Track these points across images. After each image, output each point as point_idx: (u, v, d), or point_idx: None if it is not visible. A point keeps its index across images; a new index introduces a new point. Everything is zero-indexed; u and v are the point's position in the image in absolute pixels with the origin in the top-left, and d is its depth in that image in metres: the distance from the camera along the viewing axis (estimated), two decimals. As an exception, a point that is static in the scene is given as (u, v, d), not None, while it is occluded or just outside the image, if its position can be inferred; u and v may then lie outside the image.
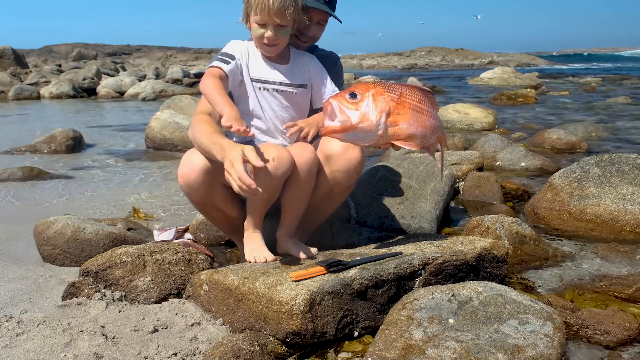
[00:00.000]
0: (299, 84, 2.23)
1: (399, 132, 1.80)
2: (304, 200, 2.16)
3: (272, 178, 1.98)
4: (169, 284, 2.10)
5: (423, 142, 1.87)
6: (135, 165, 5.37)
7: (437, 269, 1.90)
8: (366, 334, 1.78)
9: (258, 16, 2.08)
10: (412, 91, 1.85)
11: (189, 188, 2.15)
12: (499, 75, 18.09)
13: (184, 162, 2.15)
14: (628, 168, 3.07)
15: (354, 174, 2.15)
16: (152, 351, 1.68)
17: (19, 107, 11.85)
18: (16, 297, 2.23)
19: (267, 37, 2.11)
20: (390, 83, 1.84)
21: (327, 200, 2.26)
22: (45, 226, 2.61)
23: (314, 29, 2.37)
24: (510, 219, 2.70)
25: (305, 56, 2.32)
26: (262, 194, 2.01)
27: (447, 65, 37.26)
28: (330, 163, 2.14)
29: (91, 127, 8.23)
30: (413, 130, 1.82)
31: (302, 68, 2.27)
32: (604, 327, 1.85)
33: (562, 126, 6.48)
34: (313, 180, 2.14)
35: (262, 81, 2.19)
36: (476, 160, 4.08)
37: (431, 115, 1.89)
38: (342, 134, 1.76)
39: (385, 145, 1.87)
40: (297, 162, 2.05)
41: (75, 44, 46.14)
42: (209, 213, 2.36)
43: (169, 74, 19.54)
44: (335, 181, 2.16)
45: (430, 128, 1.88)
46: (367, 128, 1.75)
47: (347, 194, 2.30)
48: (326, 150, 2.14)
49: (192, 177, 2.12)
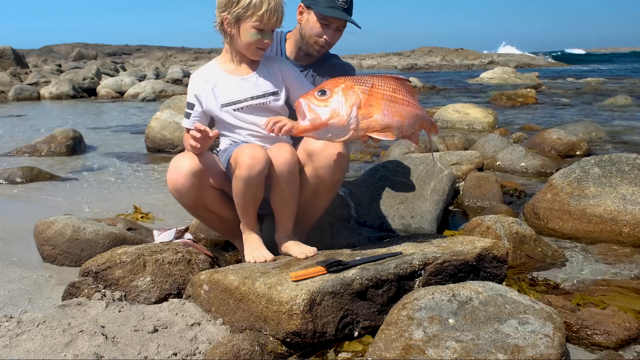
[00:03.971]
0: (270, 92, 2.20)
1: (374, 124, 1.79)
2: (292, 200, 2.16)
3: (249, 177, 2.01)
4: (169, 284, 2.10)
5: (401, 131, 1.85)
6: (134, 165, 5.36)
7: (437, 269, 1.90)
8: (366, 334, 1.78)
9: (261, 22, 2.06)
10: (385, 81, 1.83)
11: (178, 192, 2.19)
12: (499, 75, 18.09)
13: (171, 167, 2.19)
14: (628, 168, 3.07)
15: (337, 169, 2.13)
16: (152, 351, 1.68)
17: (19, 107, 11.85)
18: (16, 297, 2.23)
19: (266, 43, 2.11)
20: (361, 76, 1.83)
21: (315, 198, 2.25)
22: (45, 226, 2.61)
23: (332, 35, 2.37)
24: (510, 219, 2.70)
25: (275, 60, 2.28)
26: (246, 193, 2.08)
27: (447, 65, 37.26)
28: (312, 160, 2.13)
29: (91, 127, 8.23)
30: (388, 120, 1.80)
31: (272, 74, 2.22)
32: (604, 327, 1.85)
33: (562, 126, 6.47)
34: (295, 180, 2.13)
35: (233, 103, 2.18)
36: (476, 160, 4.08)
37: (408, 103, 1.86)
38: (315, 132, 1.77)
39: (364, 139, 1.84)
40: (275, 163, 2.06)
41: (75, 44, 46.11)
42: (203, 216, 2.38)
43: (169, 74, 19.53)
44: (320, 178, 2.15)
45: (408, 117, 1.85)
46: (339, 124, 1.74)
47: (335, 190, 2.28)
48: (307, 147, 2.13)
49: (180, 181, 2.15)
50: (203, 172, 2.17)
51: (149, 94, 13.87)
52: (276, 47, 2.50)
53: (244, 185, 2.06)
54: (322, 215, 2.44)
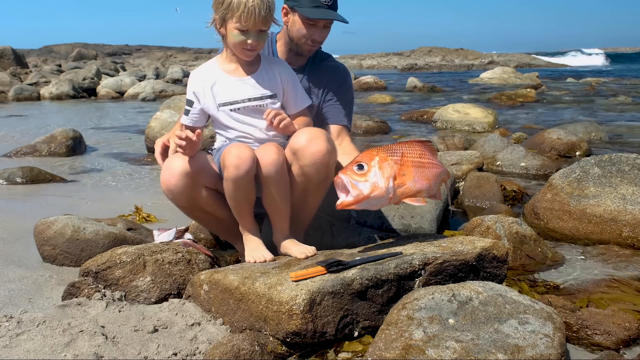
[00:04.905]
0: (268, 95, 2.20)
1: (407, 191, 1.94)
2: (283, 200, 2.15)
3: (237, 177, 2.02)
4: (169, 284, 2.10)
5: (429, 193, 2.02)
6: (135, 165, 5.36)
7: (437, 269, 1.90)
8: (366, 334, 1.78)
9: (240, 23, 2.05)
10: (411, 148, 1.98)
11: (171, 193, 2.21)
12: (499, 75, 18.09)
13: (164, 168, 2.20)
14: (628, 168, 3.07)
15: (321, 167, 2.11)
16: (152, 351, 1.68)
17: (19, 107, 11.85)
18: (16, 297, 2.23)
19: (250, 44, 2.10)
20: (391, 146, 1.96)
21: (306, 197, 2.24)
22: (45, 226, 2.61)
23: (320, 33, 2.36)
24: (510, 219, 2.70)
25: (276, 63, 2.28)
26: (237, 194, 2.10)
27: (447, 65, 37.26)
28: (297, 159, 2.12)
29: (91, 128, 8.23)
30: (419, 186, 1.96)
31: (272, 76, 2.22)
32: (604, 327, 1.85)
33: (562, 126, 6.47)
34: (284, 180, 2.12)
35: (230, 103, 2.18)
36: (476, 160, 4.08)
37: (433, 165, 2.02)
38: (356, 205, 1.90)
39: (397, 203, 1.99)
40: (262, 164, 2.06)
41: (75, 44, 46.12)
42: (198, 216, 2.38)
43: (168, 74, 19.55)
44: (306, 177, 2.14)
45: (434, 178, 2.01)
46: (379, 195, 1.88)
47: (324, 187, 2.24)
48: (292, 145, 2.13)
49: (173, 182, 2.17)
50: (196, 173, 2.17)
51: (149, 94, 13.87)
52: (268, 48, 2.48)
53: (233, 185, 2.06)
54: (320, 214, 2.44)
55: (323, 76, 2.52)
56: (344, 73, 2.61)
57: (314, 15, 2.27)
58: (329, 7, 2.31)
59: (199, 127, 2.25)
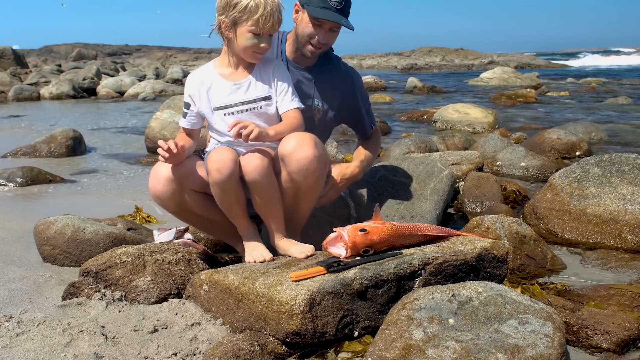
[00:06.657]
0: (262, 97, 2.19)
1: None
2: (273, 204, 2.14)
3: (221, 180, 2.02)
4: (169, 284, 2.10)
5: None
6: (135, 166, 5.37)
7: (437, 269, 1.90)
8: (366, 334, 1.78)
9: (257, 26, 2.05)
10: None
11: (159, 199, 2.22)
12: (499, 75, 18.09)
13: (151, 174, 2.22)
14: (628, 168, 3.07)
15: (308, 173, 2.08)
16: (152, 351, 1.68)
17: (19, 107, 11.85)
18: (16, 297, 2.23)
19: (263, 47, 2.11)
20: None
21: (298, 201, 2.22)
22: (45, 226, 2.61)
23: (327, 36, 2.35)
24: (510, 219, 2.69)
25: (270, 63, 2.26)
26: (225, 197, 2.10)
27: (447, 65, 37.26)
28: (285, 164, 2.10)
29: (91, 128, 8.24)
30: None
31: (266, 77, 2.21)
32: (604, 327, 1.85)
33: (562, 126, 6.47)
34: (272, 184, 2.11)
35: (225, 107, 2.18)
36: (476, 160, 4.08)
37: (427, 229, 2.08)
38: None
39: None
40: (245, 171, 2.05)
41: (75, 44, 46.13)
42: (190, 220, 2.38)
43: (168, 74, 19.55)
44: (294, 182, 2.12)
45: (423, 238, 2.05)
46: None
47: (316, 191, 2.22)
48: (280, 151, 2.11)
49: (159, 188, 2.19)
50: (182, 178, 2.18)
51: (149, 94, 13.88)
52: (277, 48, 2.47)
53: (219, 189, 2.07)
54: (320, 214, 2.43)
55: (331, 79, 2.50)
56: (353, 74, 2.60)
57: (320, 15, 2.27)
58: (338, 10, 2.29)
59: (197, 129, 2.28)
